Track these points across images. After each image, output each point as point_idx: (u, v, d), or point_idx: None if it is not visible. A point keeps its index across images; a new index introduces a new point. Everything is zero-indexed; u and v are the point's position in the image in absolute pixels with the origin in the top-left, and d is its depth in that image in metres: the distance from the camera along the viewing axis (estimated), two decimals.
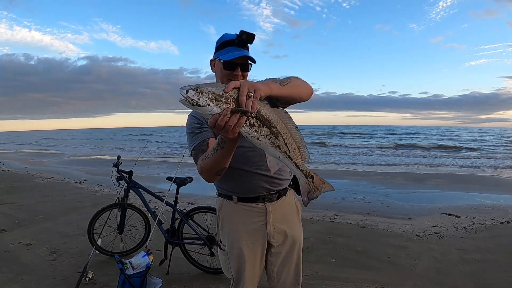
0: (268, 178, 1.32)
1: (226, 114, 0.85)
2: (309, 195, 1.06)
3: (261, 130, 0.92)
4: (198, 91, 0.85)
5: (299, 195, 1.38)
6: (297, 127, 1.00)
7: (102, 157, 15.96)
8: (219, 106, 0.86)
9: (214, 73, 1.38)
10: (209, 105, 0.85)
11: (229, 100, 0.87)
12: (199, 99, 0.85)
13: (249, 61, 1.29)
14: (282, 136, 0.96)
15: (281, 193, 1.38)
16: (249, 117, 0.90)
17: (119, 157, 3.23)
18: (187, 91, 0.85)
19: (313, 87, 1.26)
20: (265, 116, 0.93)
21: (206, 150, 1.20)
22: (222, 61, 1.26)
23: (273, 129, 0.94)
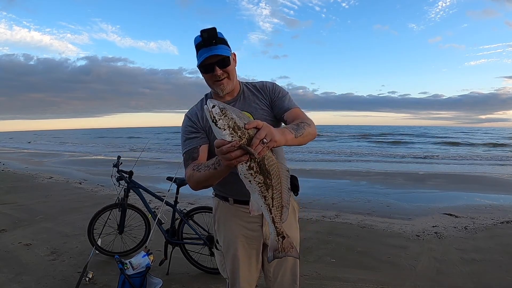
0: None
1: (234, 146, 0.86)
2: (275, 253, 1.08)
3: (256, 175, 0.94)
4: (223, 112, 0.88)
5: (296, 195, 1.38)
6: (290, 189, 1.02)
7: (102, 157, 15.96)
8: (232, 136, 0.87)
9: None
10: (224, 129, 0.87)
11: (244, 135, 0.88)
12: (219, 119, 0.87)
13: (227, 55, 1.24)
14: (273, 191, 0.97)
15: None
16: (252, 160, 0.91)
17: (119, 157, 3.23)
18: (213, 106, 0.88)
19: (313, 87, 1.26)
20: (266, 166, 0.94)
21: (196, 157, 1.24)
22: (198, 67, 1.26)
23: (267, 180, 0.95)
